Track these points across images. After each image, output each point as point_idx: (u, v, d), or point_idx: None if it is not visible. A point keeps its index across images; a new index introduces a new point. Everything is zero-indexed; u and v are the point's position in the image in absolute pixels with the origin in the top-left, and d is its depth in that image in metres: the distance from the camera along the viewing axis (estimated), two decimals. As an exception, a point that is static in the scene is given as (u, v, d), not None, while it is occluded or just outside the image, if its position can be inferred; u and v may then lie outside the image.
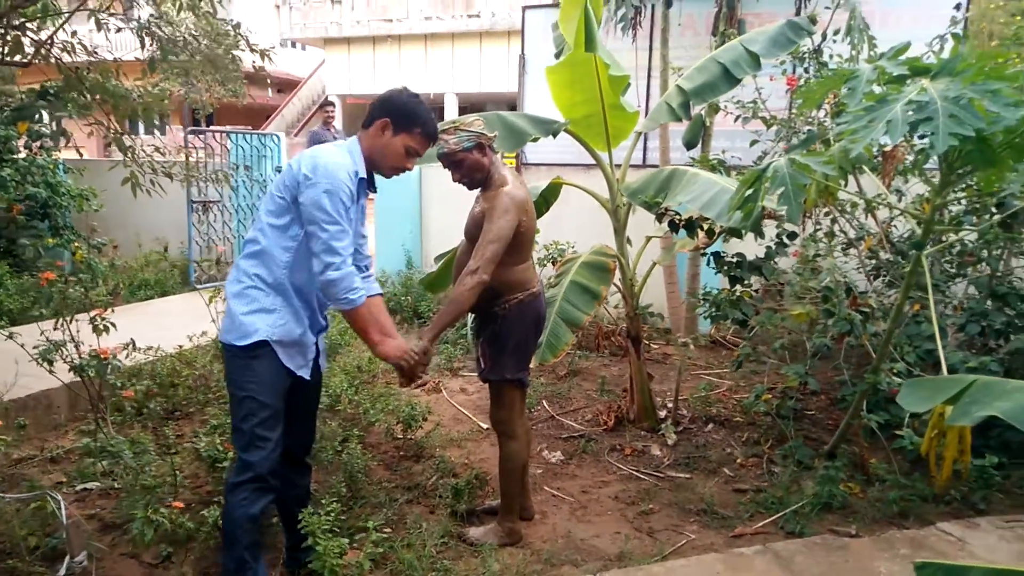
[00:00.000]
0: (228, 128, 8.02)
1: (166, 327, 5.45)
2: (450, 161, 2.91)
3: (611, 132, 4.07)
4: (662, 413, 4.59)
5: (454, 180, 2.98)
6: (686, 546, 3.19)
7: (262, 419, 2.46)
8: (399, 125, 2.55)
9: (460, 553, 3.05)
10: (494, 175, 2.93)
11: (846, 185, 3.48)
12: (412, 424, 4.00)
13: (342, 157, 2.47)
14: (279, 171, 8.49)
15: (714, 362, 5.93)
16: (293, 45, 26.30)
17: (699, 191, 3.45)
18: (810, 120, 4.53)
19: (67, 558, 2.47)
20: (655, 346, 6.35)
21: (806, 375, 3.89)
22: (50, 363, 3.06)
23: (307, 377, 2.62)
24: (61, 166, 7.93)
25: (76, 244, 7.09)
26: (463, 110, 20.12)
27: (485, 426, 4.48)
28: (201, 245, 7.67)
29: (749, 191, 2.89)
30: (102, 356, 3.03)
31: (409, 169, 2.67)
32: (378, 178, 2.67)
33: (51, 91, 7.02)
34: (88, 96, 3.40)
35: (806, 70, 4.44)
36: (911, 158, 4.39)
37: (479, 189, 3.00)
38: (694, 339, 6.12)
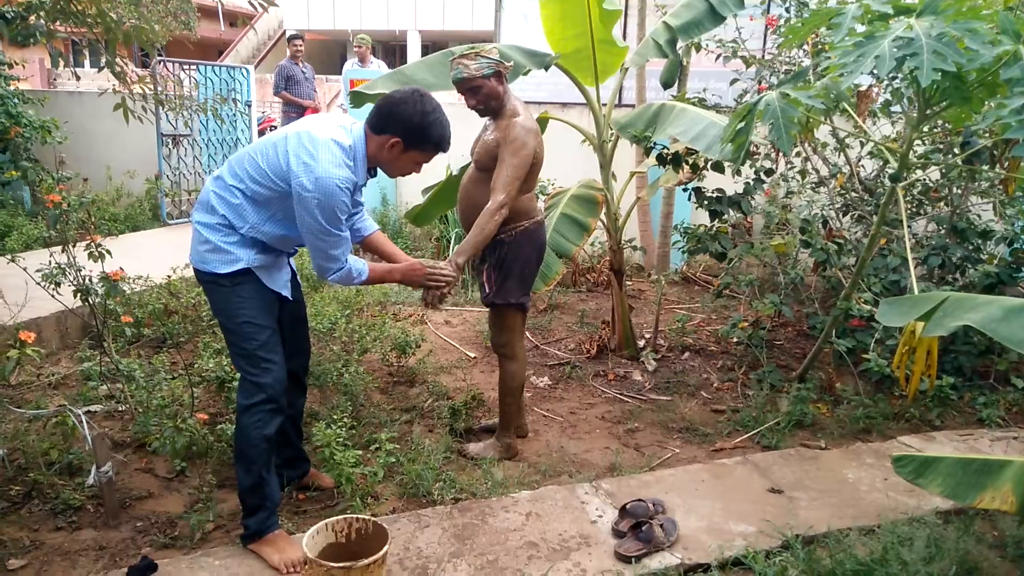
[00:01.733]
0: (196, 60, 7.81)
1: (143, 261, 5.44)
2: (468, 87, 2.96)
3: (599, 67, 4.15)
4: (641, 343, 4.81)
5: (469, 106, 3.04)
6: (671, 459, 3.42)
7: (262, 341, 2.48)
8: (411, 144, 2.44)
9: (463, 466, 3.23)
10: (507, 104, 3.01)
11: (826, 122, 3.66)
12: (406, 351, 4.13)
13: (341, 169, 2.33)
14: (249, 105, 8.34)
15: (686, 298, 6.16)
16: (246, -24, 25.26)
17: (688, 124, 3.57)
18: (789, 60, 4.67)
19: (94, 467, 2.56)
20: (629, 283, 6.55)
21: (780, 303, 4.12)
22: (57, 284, 3.08)
23: (289, 296, 2.65)
24: (20, 97, 7.66)
25: (41, 177, 6.93)
26: (426, 49, 19.75)
27: (472, 355, 4.64)
28: (172, 180, 7.55)
29: (741, 124, 3.03)
30: (112, 277, 3.06)
31: (417, 172, 2.62)
32: (353, 114, 2.65)
33: (6, 15, 6.75)
34: (80, 20, 3.33)
35: (787, 10, 4.56)
36: (882, 99, 4.59)
37: (489, 117, 3.07)
38: (667, 275, 6.34)
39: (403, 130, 2.41)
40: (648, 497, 2.86)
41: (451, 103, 4.25)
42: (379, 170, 2.56)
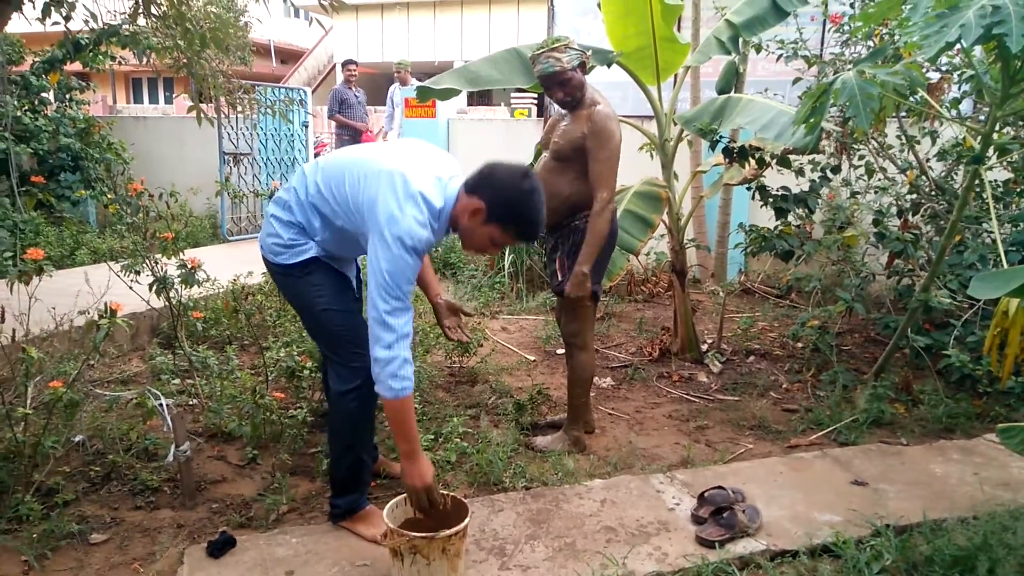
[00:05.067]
0: (256, 82, 8.05)
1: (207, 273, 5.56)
2: (559, 80, 2.94)
3: (661, 65, 4.14)
4: (704, 347, 4.71)
5: (556, 99, 3.03)
6: (745, 454, 3.32)
7: (348, 325, 2.43)
8: (493, 217, 2.20)
9: (532, 458, 3.18)
10: (586, 94, 3.03)
11: (896, 115, 3.57)
12: (468, 349, 4.12)
13: (423, 229, 2.14)
14: (306, 126, 8.55)
15: (745, 307, 6.03)
16: (297, 15, 26.13)
17: (757, 114, 3.53)
18: (855, 55, 4.60)
19: (172, 447, 2.58)
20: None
21: (852, 301, 4.00)
22: (137, 273, 3.15)
23: (356, 293, 2.61)
24: (90, 121, 7.98)
25: (109, 196, 7.18)
26: (472, 79, 20.05)
27: (532, 358, 4.60)
28: (233, 198, 7.73)
29: (815, 105, 2.98)
30: (191, 265, 3.12)
31: (492, 253, 2.42)
32: (407, 126, 2.61)
33: (82, 41, 7.07)
34: (159, 22, 3.46)
35: (851, 6, 4.50)
36: (951, 96, 4.48)
37: (567, 109, 3.07)
38: (726, 285, 6.23)
39: (491, 197, 2.18)
40: (727, 486, 2.76)
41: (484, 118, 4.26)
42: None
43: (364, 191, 2.20)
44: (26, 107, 7.21)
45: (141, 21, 3.57)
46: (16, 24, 4.88)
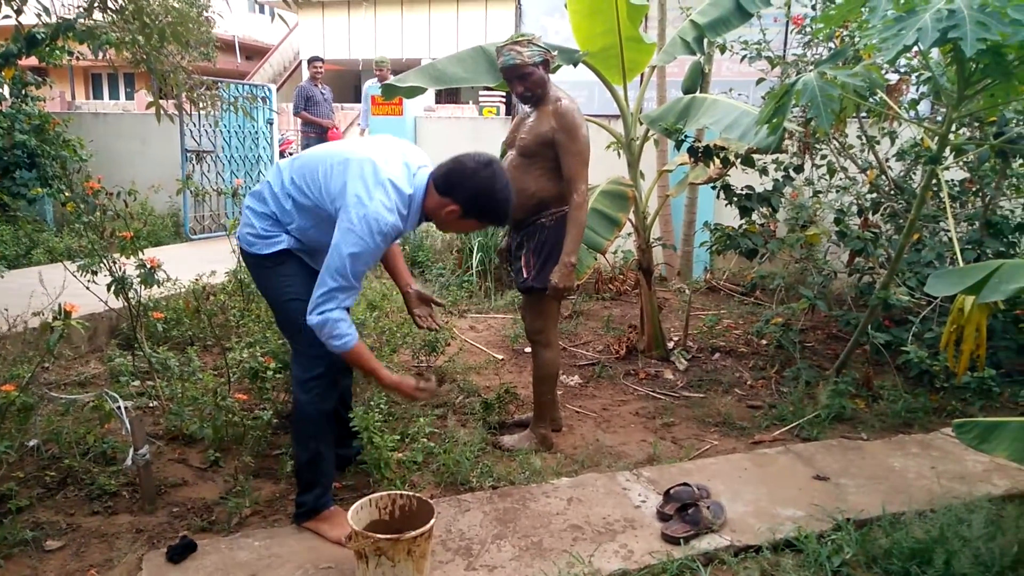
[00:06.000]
0: (220, 78, 7.91)
1: (168, 273, 5.45)
2: (519, 74, 2.98)
3: (627, 65, 4.15)
4: (670, 344, 4.74)
5: (516, 94, 3.07)
6: (710, 450, 3.35)
7: None
8: (470, 214, 2.36)
9: (499, 457, 3.18)
10: (550, 91, 3.05)
11: (857, 116, 3.63)
12: (436, 349, 4.09)
13: (391, 214, 2.25)
14: (270, 124, 8.43)
15: (711, 305, 6.09)
16: (262, 11, 25.78)
17: (721, 114, 3.56)
18: (816, 56, 4.68)
19: (131, 450, 2.52)
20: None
21: (815, 298, 4.06)
22: (94, 273, 3.07)
23: None
24: (47, 117, 7.77)
25: (66, 194, 7.00)
26: (440, 77, 19.96)
27: (500, 357, 4.60)
28: (196, 195, 7.59)
29: (777, 105, 3.02)
30: (150, 264, 3.06)
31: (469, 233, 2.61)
32: (373, 124, 2.65)
33: (37, 35, 6.87)
34: (117, 17, 3.37)
35: (813, 7, 4.57)
36: (909, 97, 4.57)
37: (531, 105, 3.09)
38: (692, 283, 6.29)
39: (466, 200, 2.33)
40: (692, 482, 2.79)
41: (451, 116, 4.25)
42: None
43: (335, 179, 2.31)
44: (-22, 103, 6.99)
45: (97, 15, 3.47)
46: (-33, 17, 4.73)
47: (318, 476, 2.47)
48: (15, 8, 3.40)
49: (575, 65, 3.98)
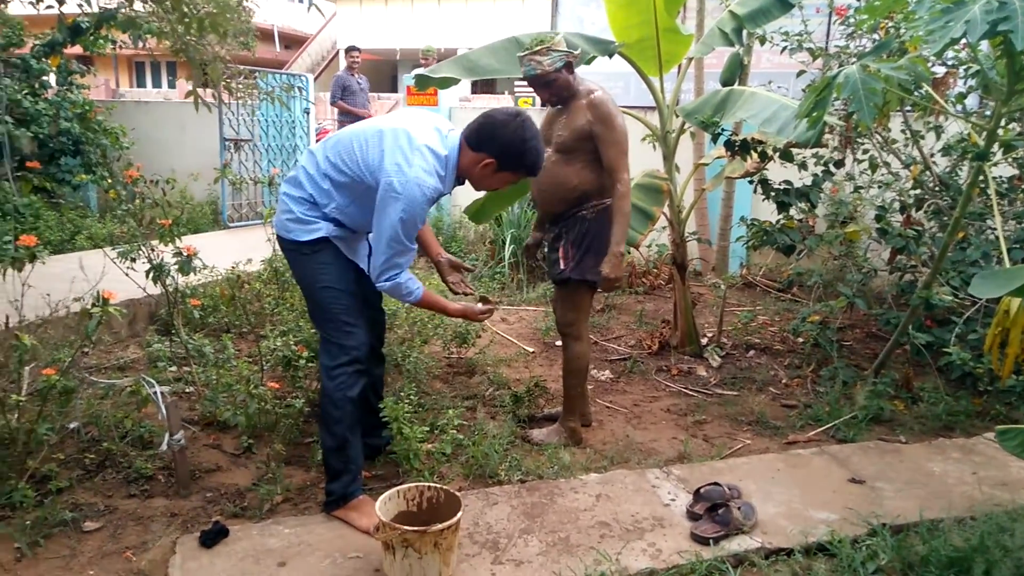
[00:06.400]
0: (257, 67, 8.00)
1: (205, 260, 5.54)
2: (541, 82, 2.97)
3: (664, 57, 4.09)
4: (703, 340, 4.68)
5: (542, 99, 3.08)
6: (743, 449, 3.30)
7: (345, 306, 2.53)
8: (505, 166, 2.46)
9: (528, 451, 3.17)
10: (578, 87, 3.03)
11: (901, 109, 3.53)
12: (466, 340, 4.10)
13: (431, 177, 2.37)
14: (307, 113, 8.50)
15: (747, 301, 6.01)
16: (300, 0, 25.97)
17: (759, 107, 3.49)
18: (859, 48, 4.56)
19: (166, 435, 2.57)
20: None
21: (853, 296, 3.97)
22: (132, 260, 3.13)
23: (366, 268, 2.68)
24: (91, 105, 7.94)
25: (108, 180, 7.15)
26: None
27: (531, 349, 4.59)
28: (234, 183, 7.71)
29: (817, 99, 2.94)
30: (186, 252, 3.10)
31: (504, 190, 2.78)
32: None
33: (81, 24, 7.02)
34: (156, 6, 3.42)
35: (858, -1, 4.46)
36: (957, 90, 4.43)
37: (560, 105, 3.07)
38: (727, 277, 6.20)
39: (500, 152, 2.43)
40: (723, 482, 2.75)
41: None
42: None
43: (372, 151, 2.39)
44: (26, 90, 7.16)
45: (138, 5, 3.52)
46: (16, 6, 4.84)
47: (346, 464, 2.49)
48: None
49: (610, 56, 3.93)
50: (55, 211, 6.97)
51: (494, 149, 2.43)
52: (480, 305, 2.81)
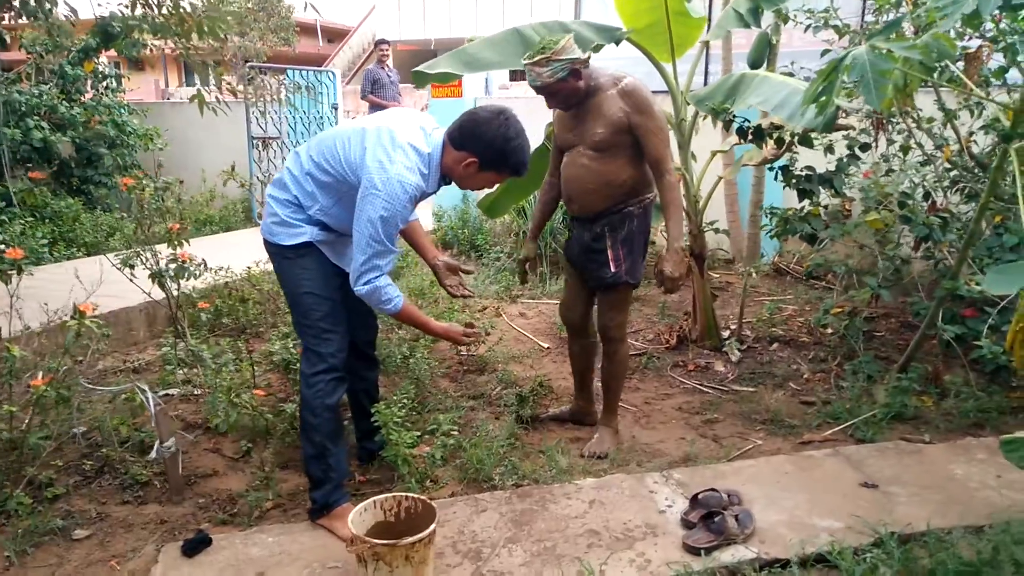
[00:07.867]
0: (284, 65, 8.06)
1: (232, 257, 5.61)
2: (546, 92, 2.83)
3: (675, 41, 3.94)
4: (725, 333, 4.53)
5: (550, 107, 2.95)
6: (753, 450, 3.18)
7: (324, 312, 2.51)
8: (487, 165, 2.41)
9: (527, 453, 3.10)
10: (599, 82, 2.86)
11: (929, 85, 3.32)
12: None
13: (413, 175, 2.32)
14: (335, 108, 8.54)
15: (777, 289, 5.80)
16: (333, -6, 26.10)
17: (769, 92, 3.33)
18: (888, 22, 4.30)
19: (157, 443, 2.59)
20: (715, 275, 6.24)
21: (879, 287, 3.78)
22: (131, 268, 3.17)
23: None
24: (125, 108, 8.12)
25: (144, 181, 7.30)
26: (514, 54, 19.74)
27: (546, 345, 4.51)
28: (263, 181, 7.80)
29: (824, 83, 2.77)
30: (181, 259, 3.12)
31: (489, 189, 2.70)
32: (432, 106, 2.63)
33: (110, 30, 7.15)
34: (157, 11, 3.44)
35: (884, -29, 4.19)
36: (994, 64, 4.15)
37: (575, 108, 2.92)
38: (756, 267, 6.00)
39: (482, 151, 2.38)
40: (723, 487, 2.63)
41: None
42: None
43: (354, 149, 2.36)
44: (62, 96, 7.36)
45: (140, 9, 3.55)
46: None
47: (326, 472, 2.47)
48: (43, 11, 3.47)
49: (617, 43, 3.79)
50: (91, 213, 7.15)
51: (476, 148, 2.38)
52: (464, 329, 2.72)
